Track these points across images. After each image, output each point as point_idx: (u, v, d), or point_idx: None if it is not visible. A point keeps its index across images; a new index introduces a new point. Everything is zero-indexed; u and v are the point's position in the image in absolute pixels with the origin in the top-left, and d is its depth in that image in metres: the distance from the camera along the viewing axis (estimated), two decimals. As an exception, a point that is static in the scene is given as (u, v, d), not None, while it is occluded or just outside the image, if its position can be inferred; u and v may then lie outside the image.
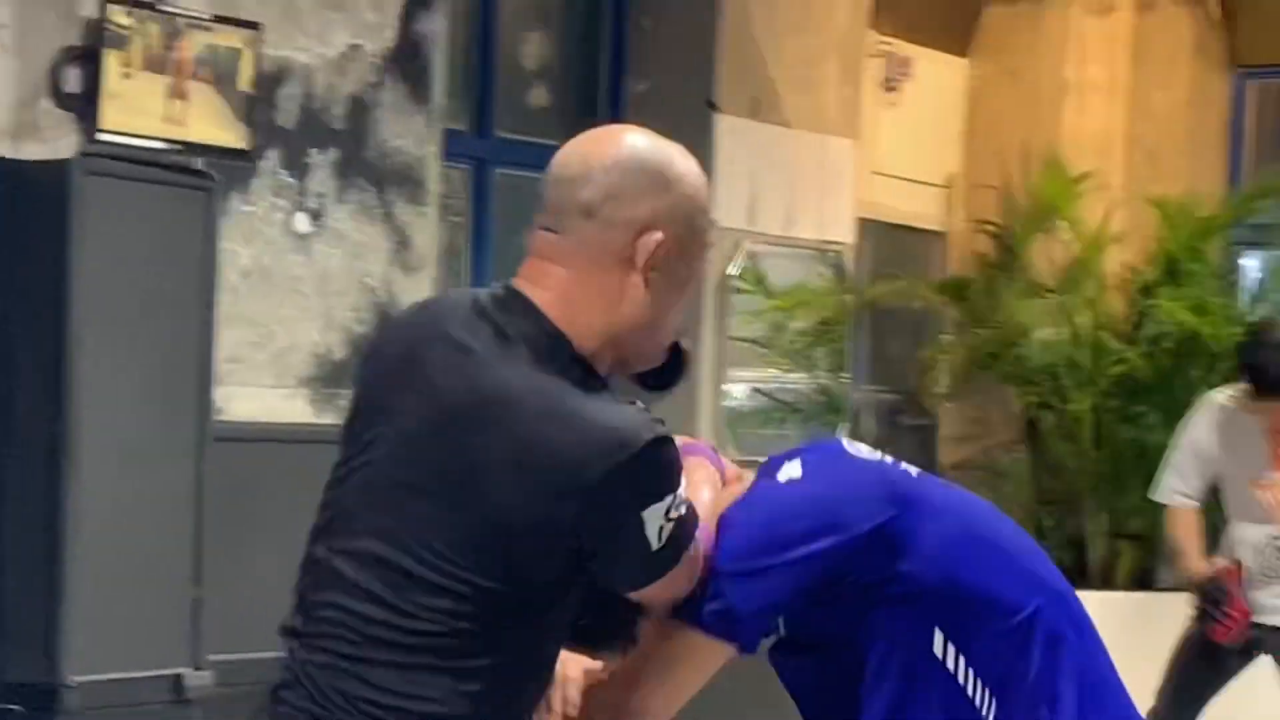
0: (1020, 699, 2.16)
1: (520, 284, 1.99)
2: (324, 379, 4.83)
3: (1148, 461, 5.53)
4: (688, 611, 2.07)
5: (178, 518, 4.38)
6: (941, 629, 2.16)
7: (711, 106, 6.30)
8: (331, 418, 4.75)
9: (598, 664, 2.12)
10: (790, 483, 2.14)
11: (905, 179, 7.44)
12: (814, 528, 2.10)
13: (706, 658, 2.10)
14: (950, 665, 2.16)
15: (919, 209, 7.56)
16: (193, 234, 4.43)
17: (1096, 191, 7.30)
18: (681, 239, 1.98)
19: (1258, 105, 8.10)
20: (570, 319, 1.95)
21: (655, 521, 1.92)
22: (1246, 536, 5.06)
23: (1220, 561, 5.20)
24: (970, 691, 2.16)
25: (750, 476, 2.19)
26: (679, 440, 2.05)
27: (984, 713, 2.16)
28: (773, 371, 6.65)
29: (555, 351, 1.93)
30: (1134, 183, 7.62)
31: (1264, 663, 5.06)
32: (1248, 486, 5.07)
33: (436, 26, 5.07)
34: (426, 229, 5.08)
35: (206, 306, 4.44)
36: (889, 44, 7.27)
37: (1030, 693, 2.17)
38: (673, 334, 2.05)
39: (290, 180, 4.74)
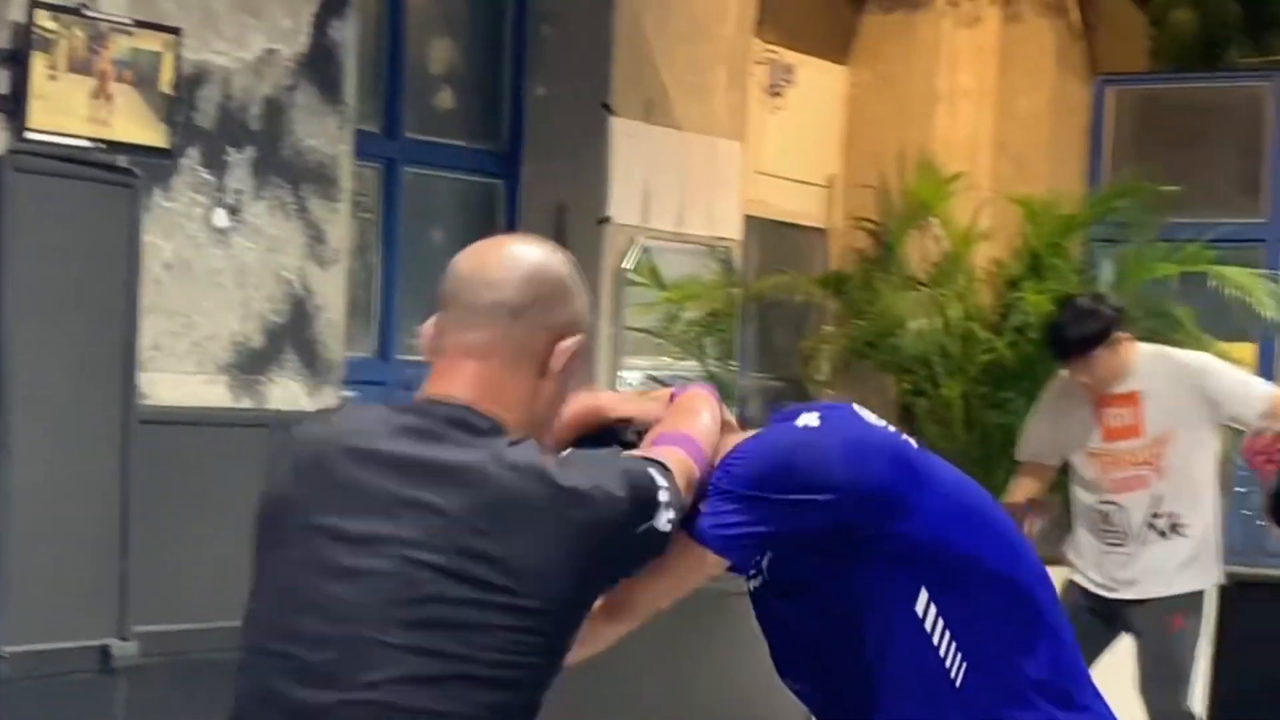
0: (992, 665, 2.17)
1: (442, 390, 2.01)
2: (242, 366, 4.81)
3: (1014, 444, 5.59)
4: (688, 522, 2.10)
5: (105, 496, 4.39)
6: (928, 589, 2.15)
7: (607, 110, 6.30)
8: (249, 402, 4.81)
9: None
10: (807, 429, 2.14)
11: (788, 179, 7.43)
12: (821, 480, 2.11)
13: (699, 566, 2.14)
14: (928, 625, 2.15)
15: (801, 207, 7.56)
16: (117, 228, 4.44)
17: (966, 191, 7.36)
18: (582, 342, 2.07)
19: (1116, 110, 8.13)
20: (499, 415, 2.00)
21: (663, 518, 1.99)
22: (1081, 503, 5.19)
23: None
24: (942, 653, 2.16)
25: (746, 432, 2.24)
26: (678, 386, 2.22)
27: (953, 675, 2.16)
28: (665, 360, 6.68)
29: (512, 437, 1.99)
30: (1000, 183, 7.64)
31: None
32: (1080, 455, 5.19)
33: (348, 33, 5.03)
34: (339, 224, 5.04)
35: (130, 297, 4.44)
36: (773, 52, 7.27)
37: (1003, 660, 2.18)
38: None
39: (209, 177, 4.71)
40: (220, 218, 4.76)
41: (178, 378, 4.70)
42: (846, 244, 7.61)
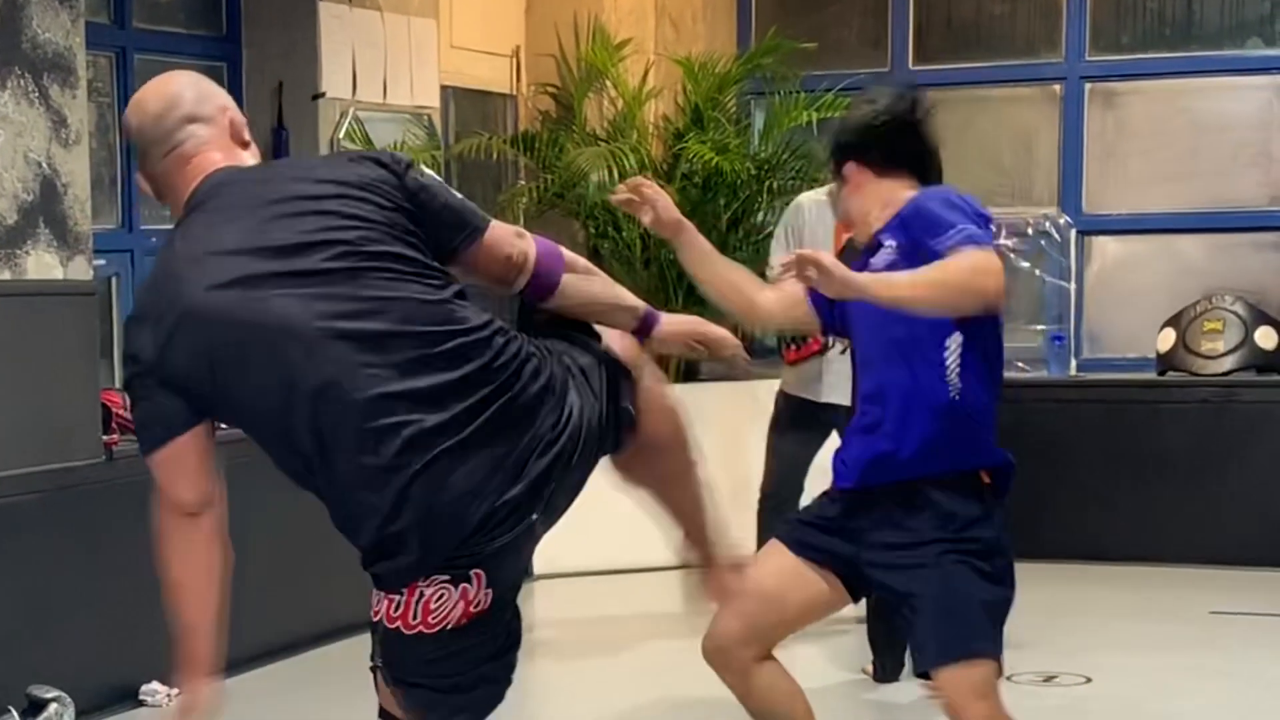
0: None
1: (218, 161, 2.45)
2: (-1, 241, 4.96)
3: (685, 279, 5.71)
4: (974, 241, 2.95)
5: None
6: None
7: (316, -5, 6.30)
8: (8, 274, 4.85)
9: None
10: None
11: (479, 51, 7.47)
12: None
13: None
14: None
15: (492, 76, 7.60)
16: None
17: (635, 55, 7.51)
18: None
19: (761, -22, 8.26)
20: None
21: (431, 174, 2.46)
22: None
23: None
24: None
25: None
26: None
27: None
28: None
29: None
30: (664, 46, 7.77)
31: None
32: None
33: (75, -66, 4.96)
34: (78, 109, 5.03)
35: (-108, 182, 4.45)
36: (459, -64, 7.04)
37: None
38: None
39: (-43, 73, 4.73)
40: (-31, 107, 4.76)
41: (-62, 253, 4.75)
42: (533, 107, 7.70)
